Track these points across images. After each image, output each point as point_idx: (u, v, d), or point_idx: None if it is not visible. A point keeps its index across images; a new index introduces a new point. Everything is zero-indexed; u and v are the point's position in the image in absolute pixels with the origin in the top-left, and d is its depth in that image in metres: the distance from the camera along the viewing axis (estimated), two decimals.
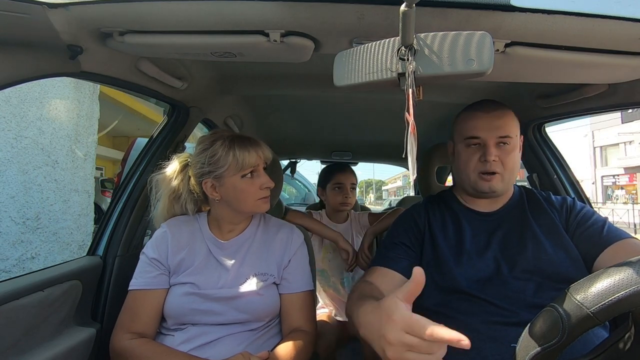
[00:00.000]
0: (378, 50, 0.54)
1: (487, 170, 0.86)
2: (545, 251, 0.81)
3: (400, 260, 0.87)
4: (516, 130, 0.88)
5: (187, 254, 0.91)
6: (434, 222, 0.94)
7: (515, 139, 0.87)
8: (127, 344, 0.82)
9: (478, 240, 0.87)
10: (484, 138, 0.86)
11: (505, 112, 0.88)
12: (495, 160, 0.85)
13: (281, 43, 0.71)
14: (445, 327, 0.45)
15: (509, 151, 0.86)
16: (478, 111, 0.89)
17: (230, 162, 0.88)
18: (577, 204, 0.91)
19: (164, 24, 0.69)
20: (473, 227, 0.90)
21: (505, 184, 0.88)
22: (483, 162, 0.86)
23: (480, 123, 0.87)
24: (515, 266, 0.81)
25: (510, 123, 0.87)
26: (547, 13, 0.60)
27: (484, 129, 0.86)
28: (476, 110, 0.89)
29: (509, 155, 0.86)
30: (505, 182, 0.87)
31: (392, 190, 52.29)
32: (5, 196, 2.75)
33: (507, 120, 0.87)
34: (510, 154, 0.86)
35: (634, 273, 0.44)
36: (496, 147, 0.85)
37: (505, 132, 0.85)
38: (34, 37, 0.66)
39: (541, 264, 0.79)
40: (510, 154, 0.86)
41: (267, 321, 0.92)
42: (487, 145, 0.85)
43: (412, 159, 0.52)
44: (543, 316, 0.49)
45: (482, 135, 0.86)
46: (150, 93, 1.04)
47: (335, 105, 1.56)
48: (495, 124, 0.86)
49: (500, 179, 0.86)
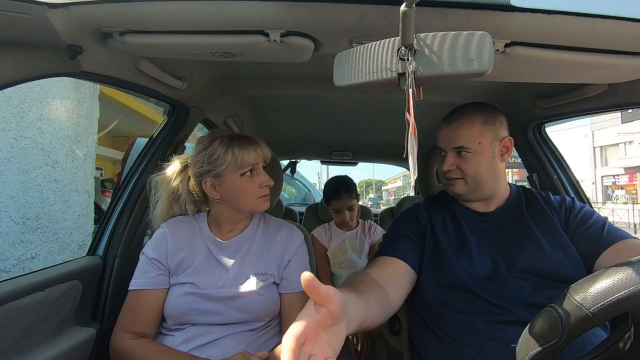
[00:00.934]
0: (378, 50, 0.54)
1: (448, 178, 0.93)
2: (543, 251, 0.81)
3: (405, 251, 0.88)
4: (475, 140, 0.88)
5: (187, 254, 0.91)
6: (435, 220, 0.95)
7: (475, 147, 0.88)
8: (127, 343, 0.82)
9: (477, 239, 0.88)
10: (444, 148, 0.93)
11: (464, 124, 0.89)
12: (451, 169, 0.91)
13: (281, 43, 0.71)
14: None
15: (468, 159, 0.89)
16: (443, 122, 0.94)
17: (229, 160, 0.89)
18: (576, 204, 0.91)
19: (164, 24, 0.69)
20: (472, 227, 0.91)
21: (470, 188, 0.91)
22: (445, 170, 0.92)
23: (442, 134, 0.93)
24: (513, 266, 0.81)
25: (467, 133, 0.88)
26: (547, 13, 0.60)
27: (443, 140, 0.93)
28: (443, 121, 0.95)
29: (467, 163, 0.89)
30: (470, 187, 0.90)
31: (392, 190, 52.27)
32: (5, 196, 2.75)
33: (465, 132, 0.88)
34: (470, 162, 0.89)
35: (633, 273, 0.44)
36: (456, 156, 0.90)
37: (460, 143, 0.89)
38: (34, 37, 0.66)
39: (539, 263, 0.80)
40: (470, 162, 0.89)
41: (267, 321, 0.92)
42: (447, 154, 0.92)
43: (412, 159, 0.52)
44: (543, 316, 0.49)
45: (442, 146, 0.93)
46: (150, 93, 1.04)
47: (335, 105, 1.56)
48: (452, 135, 0.90)
49: (464, 184, 0.91)
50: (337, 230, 1.76)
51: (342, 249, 1.70)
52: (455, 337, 0.78)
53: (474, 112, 0.90)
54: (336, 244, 1.72)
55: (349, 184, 1.70)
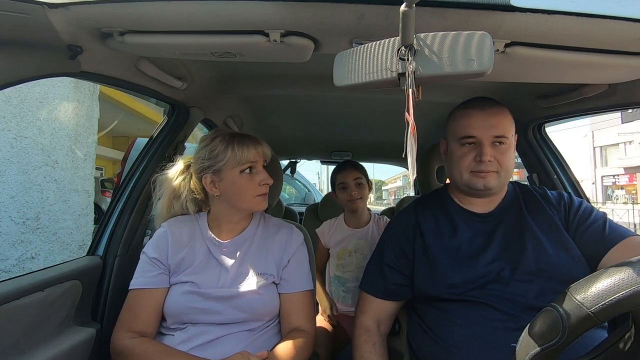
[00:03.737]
0: (378, 50, 0.54)
1: (483, 170, 0.83)
2: (546, 251, 0.79)
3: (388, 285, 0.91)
4: (512, 130, 0.85)
5: (187, 254, 0.91)
6: (425, 226, 0.91)
7: (511, 138, 0.85)
8: (127, 342, 0.82)
9: (477, 242, 0.85)
10: (479, 137, 0.82)
11: (502, 110, 0.84)
12: (490, 161, 0.82)
13: (281, 43, 0.71)
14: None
15: (504, 151, 0.83)
16: (473, 109, 0.85)
17: (229, 156, 0.89)
18: (574, 199, 0.89)
19: (164, 24, 0.69)
20: (470, 229, 0.87)
21: (501, 183, 0.85)
22: (478, 162, 0.83)
23: (475, 122, 0.83)
24: (517, 268, 0.78)
25: (506, 122, 0.84)
26: (547, 13, 0.60)
27: (479, 128, 0.82)
28: (471, 108, 0.85)
29: (504, 154, 0.83)
30: (501, 181, 0.85)
31: (392, 190, 52.29)
32: (5, 196, 2.75)
33: (503, 119, 0.83)
34: (506, 154, 0.83)
35: (634, 273, 0.44)
36: (492, 147, 0.82)
37: (501, 132, 0.82)
38: (34, 37, 0.66)
39: (543, 264, 0.77)
40: (506, 154, 0.83)
41: (267, 321, 0.92)
42: (483, 144, 0.82)
43: (411, 159, 0.52)
44: (543, 316, 0.49)
45: (477, 134, 0.83)
46: (150, 93, 1.04)
47: (335, 105, 1.56)
48: (491, 123, 0.82)
49: (497, 177, 0.83)
50: (344, 227, 1.55)
51: (349, 250, 1.50)
52: (454, 344, 0.76)
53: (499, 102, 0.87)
54: (342, 242, 1.53)
55: (354, 161, 1.57)
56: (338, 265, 1.52)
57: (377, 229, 1.52)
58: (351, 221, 1.55)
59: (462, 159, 0.85)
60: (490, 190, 0.85)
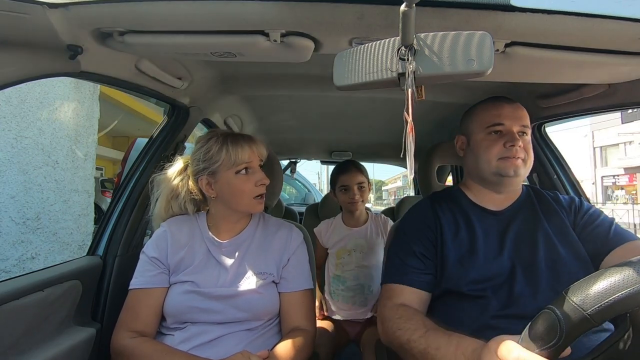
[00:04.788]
0: (378, 50, 0.54)
1: (513, 155, 0.85)
2: (557, 252, 0.80)
3: (420, 275, 0.84)
4: (529, 124, 0.91)
5: (186, 253, 0.91)
6: (444, 222, 0.90)
7: (530, 131, 0.90)
8: (127, 342, 0.82)
9: (491, 240, 0.85)
10: (509, 125, 0.87)
11: (523, 107, 0.92)
12: (520, 146, 0.86)
13: (281, 43, 0.71)
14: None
15: (527, 142, 0.88)
16: (501, 102, 0.91)
17: (224, 157, 0.89)
18: (584, 203, 0.91)
19: (164, 24, 0.69)
20: (485, 227, 0.88)
21: (526, 172, 0.89)
22: (508, 148, 0.86)
23: (504, 112, 0.89)
24: (529, 267, 0.79)
25: (527, 117, 0.90)
26: (547, 13, 0.60)
27: (509, 117, 0.88)
28: (498, 101, 0.92)
29: (528, 144, 0.88)
30: (526, 170, 0.88)
31: (392, 191, 52.27)
32: (6, 196, 2.75)
33: (525, 114, 0.90)
34: (528, 145, 0.88)
35: (631, 274, 0.44)
36: (519, 136, 0.87)
37: (526, 123, 0.89)
38: (34, 37, 0.66)
39: (553, 264, 0.79)
40: (528, 145, 0.88)
41: (267, 320, 0.92)
42: (512, 132, 0.87)
43: (410, 158, 0.52)
44: (541, 318, 0.49)
45: (506, 122, 0.87)
46: (150, 93, 1.04)
47: (335, 105, 1.56)
48: (518, 114, 0.89)
49: (524, 165, 0.87)
50: (342, 226, 1.55)
51: (348, 249, 1.50)
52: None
53: None
54: (340, 241, 1.52)
55: (358, 163, 1.56)
56: (337, 264, 1.52)
57: (376, 228, 1.53)
58: (349, 221, 1.56)
59: (491, 146, 0.88)
60: (519, 177, 0.88)
